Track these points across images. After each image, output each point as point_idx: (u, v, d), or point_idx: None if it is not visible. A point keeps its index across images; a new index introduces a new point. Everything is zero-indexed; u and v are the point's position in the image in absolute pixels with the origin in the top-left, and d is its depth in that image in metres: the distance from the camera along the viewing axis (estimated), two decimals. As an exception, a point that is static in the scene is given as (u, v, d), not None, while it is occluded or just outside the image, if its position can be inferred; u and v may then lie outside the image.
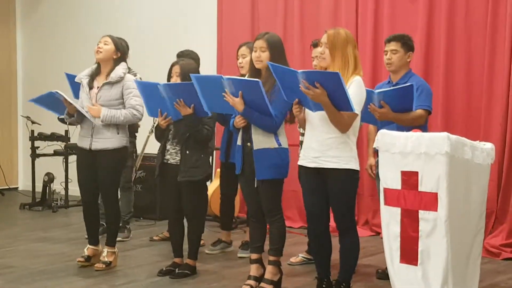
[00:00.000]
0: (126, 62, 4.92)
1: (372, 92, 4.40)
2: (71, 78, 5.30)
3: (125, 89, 4.76)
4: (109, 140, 4.77)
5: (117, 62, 4.82)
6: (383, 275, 4.59)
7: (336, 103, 3.71)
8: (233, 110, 4.24)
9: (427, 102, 4.50)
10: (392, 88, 4.49)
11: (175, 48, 5.88)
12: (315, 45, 4.84)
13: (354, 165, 3.86)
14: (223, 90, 4.15)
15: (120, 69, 4.79)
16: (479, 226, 3.81)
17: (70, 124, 5.01)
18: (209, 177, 4.78)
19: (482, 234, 3.88)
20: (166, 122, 4.60)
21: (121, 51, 4.84)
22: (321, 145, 3.84)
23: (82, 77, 4.88)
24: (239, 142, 4.35)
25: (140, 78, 5.75)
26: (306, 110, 3.92)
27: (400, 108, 4.37)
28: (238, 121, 4.23)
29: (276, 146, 4.22)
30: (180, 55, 5.59)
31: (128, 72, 4.89)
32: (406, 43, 4.64)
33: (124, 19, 8.24)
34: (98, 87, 4.79)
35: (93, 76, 4.86)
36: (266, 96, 4.06)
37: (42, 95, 5.05)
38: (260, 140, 4.22)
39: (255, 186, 4.25)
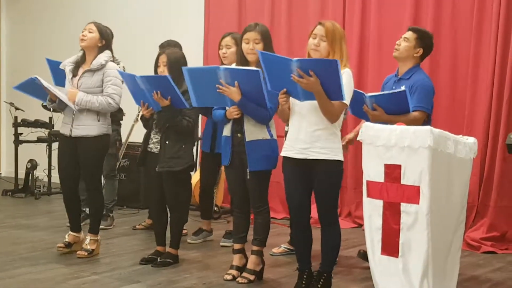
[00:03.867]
0: (111, 50, 4.90)
1: (363, 95, 4.36)
2: (52, 63, 5.26)
3: (105, 77, 4.75)
4: (89, 127, 4.75)
5: (101, 50, 4.80)
6: (365, 255, 4.55)
7: (328, 92, 3.71)
8: (223, 103, 4.22)
9: (423, 103, 4.35)
10: (382, 93, 4.42)
11: (162, 38, 5.86)
12: None
13: (341, 156, 3.89)
14: (216, 82, 4.12)
15: (103, 56, 4.77)
16: (460, 219, 3.84)
17: (54, 110, 5.00)
18: (192, 168, 4.76)
19: (463, 228, 3.91)
20: (149, 113, 4.59)
21: (105, 39, 4.83)
22: (310, 136, 3.84)
23: (66, 64, 4.86)
24: (227, 133, 4.34)
25: (123, 67, 5.72)
26: (293, 102, 3.91)
27: (395, 111, 4.27)
28: (233, 111, 4.22)
29: (269, 137, 4.24)
30: (166, 45, 5.56)
31: (112, 61, 4.87)
32: (422, 38, 4.49)
33: (110, 7, 8.20)
34: (80, 75, 4.78)
35: (78, 64, 4.84)
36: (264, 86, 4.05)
37: (24, 81, 5.01)
38: (253, 131, 4.22)
39: (247, 177, 4.25)
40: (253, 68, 4.10)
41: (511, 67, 5.42)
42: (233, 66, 4.36)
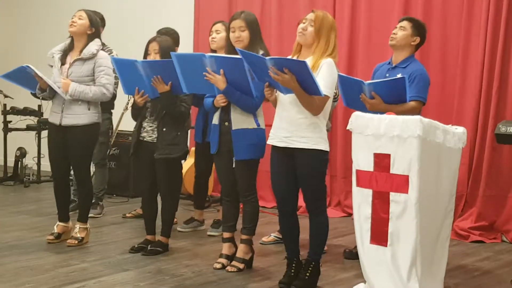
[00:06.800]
0: (100, 38, 4.86)
1: (362, 83, 4.32)
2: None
3: (97, 67, 4.71)
4: (79, 116, 4.73)
5: (90, 38, 4.76)
6: (350, 255, 4.66)
7: (306, 88, 3.72)
8: (212, 90, 4.22)
9: (421, 93, 4.36)
10: (382, 80, 4.38)
11: (152, 25, 5.84)
12: None
13: (323, 146, 3.88)
14: (204, 70, 4.12)
15: (94, 45, 4.74)
16: (448, 209, 3.85)
17: (43, 99, 4.96)
18: (186, 155, 4.77)
19: (452, 217, 3.92)
20: (143, 100, 4.57)
21: (95, 27, 4.79)
22: (291, 125, 3.85)
23: (54, 52, 4.81)
24: (215, 122, 4.34)
25: (116, 55, 5.68)
26: (277, 91, 3.92)
27: (393, 99, 4.25)
28: (219, 99, 4.22)
29: (255, 126, 4.23)
30: (164, 32, 5.54)
31: (103, 49, 4.83)
32: (417, 27, 4.50)
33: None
34: (70, 63, 4.74)
35: (66, 52, 4.80)
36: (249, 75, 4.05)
37: (13, 70, 4.92)
38: (239, 120, 4.22)
39: (233, 166, 4.26)
40: (238, 56, 4.10)
41: (501, 57, 5.44)
42: (219, 54, 4.35)
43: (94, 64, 4.71)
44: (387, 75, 4.53)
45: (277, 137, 3.92)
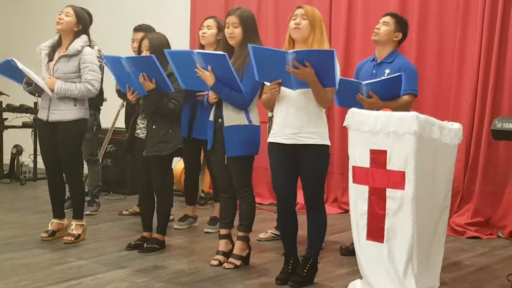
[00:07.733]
0: (88, 35, 4.85)
1: (359, 83, 4.35)
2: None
3: (82, 63, 4.70)
4: (65, 112, 4.72)
5: (77, 34, 4.74)
6: (346, 251, 4.66)
7: (322, 81, 3.73)
8: (207, 86, 4.22)
9: (412, 86, 4.44)
10: (380, 79, 4.41)
11: (149, 22, 5.82)
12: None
13: (328, 140, 3.91)
14: (195, 66, 4.13)
15: (79, 42, 4.72)
16: (444, 205, 3.86)
17: (29, 93, 4.92)
18: (180, 152, 4.76)
19: (448, 213, 3.93)
20: (134, 97, 4.56)
21: (82, 23, 4.76)
22: (299, 121, 3.84)
23: (42, 48, 4.81)
24: (211, 118, 4.35)
25: (99, 50, 5.66)
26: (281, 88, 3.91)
27: (388, 96, 4.32)
28: (211, 96, 4.23)
29: (247, 123, 4.22)
30: (138, 29, 5.56)
31: (89, 45, 4.81)
32: (400, 23, 4.57)
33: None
34: (56, 59, 4.73)
35: (54, 48, 4.79)
36: (234, 70, 4.04)
37: (0, 63, 4.91)
38: (231, 117, 4.21)
39: (225, 162, 4.26)
40: (220, 52, 4.09)
41: (497, 53, 5.45)
42: (207, 50, 4.34)
43: (79, 60, 4.70)
44: (374, 71, 4.60)
45: (283, 134, 3.90)
